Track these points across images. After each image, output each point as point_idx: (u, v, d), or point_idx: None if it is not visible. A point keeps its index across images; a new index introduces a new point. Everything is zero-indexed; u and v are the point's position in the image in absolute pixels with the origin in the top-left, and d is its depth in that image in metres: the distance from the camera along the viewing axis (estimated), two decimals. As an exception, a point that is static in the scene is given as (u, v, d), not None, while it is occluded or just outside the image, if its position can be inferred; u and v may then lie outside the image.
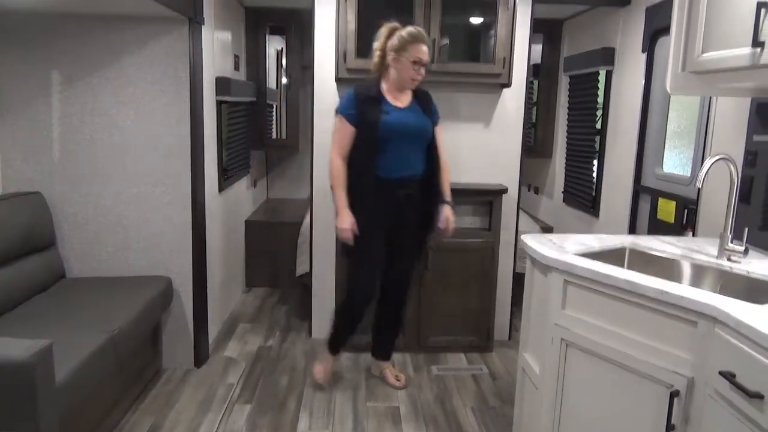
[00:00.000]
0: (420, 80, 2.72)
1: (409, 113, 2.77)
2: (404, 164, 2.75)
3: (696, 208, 2.68)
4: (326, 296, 3.50)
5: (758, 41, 1.64)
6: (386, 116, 2.71)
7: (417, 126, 2.77)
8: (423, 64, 2.67)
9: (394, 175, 2.74)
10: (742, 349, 1.41)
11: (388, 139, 2.70)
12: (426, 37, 2.70)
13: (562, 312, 2.00)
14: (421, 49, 2.65)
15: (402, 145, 2.73)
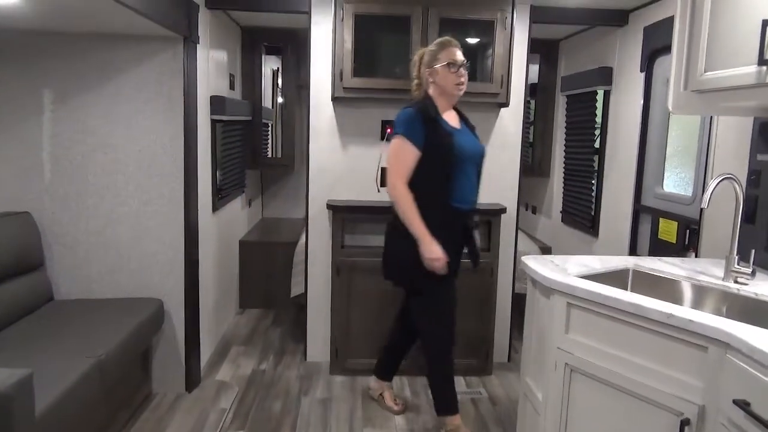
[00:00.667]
0: (464, 83, 2.48)
1: (466, 135, 2.54)
2: (473, 191, 2.54)
3: (698, 228, 2.64)
4: (322, 318, 3.43)
5: (764, 59, 1.61)
6: (454, 138, 2.43)
7: (477, 149, 2.55)
8: (460, 64, 2.46)
9: (467, 204, 2.51)
10: (757, 376, 1.36)
11: (461, 163, 2.43)
12: (455, 41, 2.52)
13: (565, 336, 1.94)
14: (452, 51, 2.46)
15: (470, 171, 2.50)
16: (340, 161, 3.37)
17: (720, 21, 1.85)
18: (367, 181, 3.38)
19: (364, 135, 3.36)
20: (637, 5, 3.26)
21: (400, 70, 3.13)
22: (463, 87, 2.50)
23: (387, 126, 3.34)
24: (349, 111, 3.33)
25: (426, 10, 3.05)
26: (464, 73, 2.48)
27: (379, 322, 3.27)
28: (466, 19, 3.10)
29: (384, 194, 3.36)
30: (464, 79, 2.49)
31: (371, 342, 3.28)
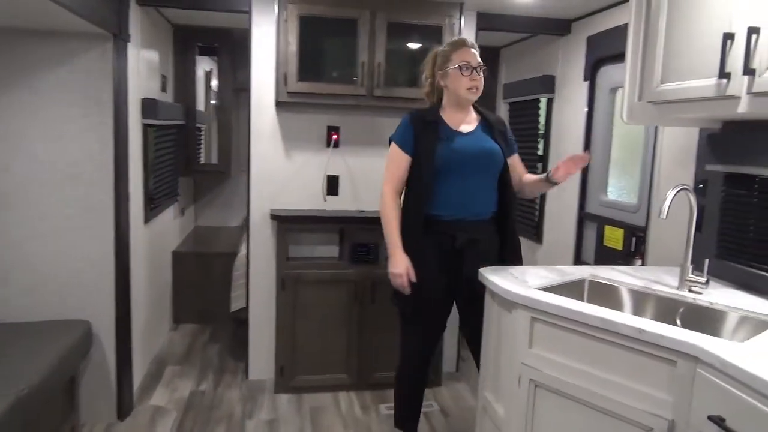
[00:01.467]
0: (479, 87, 2.30)
1: (472, 139, 2.33)
2: (465, 202, 2.30)
3: (645, 236, 2.69)
4: (265, 333, 3.26)
5: (725, 72, 1.62)
6: (443, 143, 2.28)
7: (481, 155, 2.30)
8: (474, 66, 2.27)
9: (450, 215, 2.30)
10: (732, 392, 1.34)
11: (447, 170, 2.27)
12: (471, 42, 2.34)
13: (529, 351, 1.89)
14: (467, 52, 2.29)
15: (464, 179, 2.29)
16: (284, 168, 3.22)
17: (676, 34, 1.86)
18: (312, 190, 3.25)
19: (309, 141, 3.23)
20: (580, 15, 3.31)
21: (348, 74, 3.04)
22: (476, 91, 2.30)
23: (333, 132, 3.22)
24: (293, 116, 3.19)
25: (373, 14, 2.96)
26: (478, 76, 2.29)
27: (327, 337, 3.15)
28: (414, 24, 3.04)
29: (331, 203, 3.26)
30: (478, 84, 2.29)
31: (319, 357, 3.16)
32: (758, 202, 2.02)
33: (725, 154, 2.12)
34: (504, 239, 2.37)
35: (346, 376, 3.19)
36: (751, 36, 1.54)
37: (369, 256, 3.12)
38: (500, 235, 2.37)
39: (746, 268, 2.05)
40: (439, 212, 2.31)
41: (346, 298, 3.14)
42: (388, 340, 3.19)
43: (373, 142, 3.28)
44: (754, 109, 1.58)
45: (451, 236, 2.31)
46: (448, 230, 2.31)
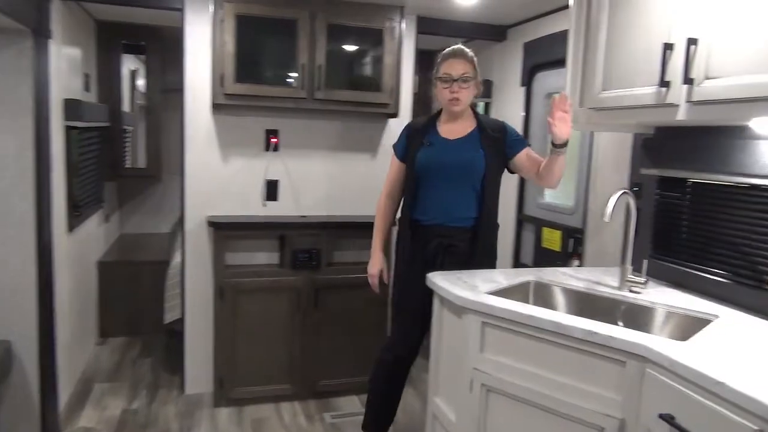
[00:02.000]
0: (460, 99, 2.29)
1: (454, 147, 2.34)
2: (442, 208, 2.34)
3: (582, 237, 2.77)
4: (202, 344, 3.13)
5: (665, 81, 1.69)
6: (425, 149, 2.34)
7: (456, 162, 2.31)
8: (454, 79, 2.27)
9: (429, 220, 2.36)
10: (680, 389, 1.39)
11: (424, 176, 2.34)
12: (461, 52, 2.32)
13: (480, 355, 1.89)
14: (451, 63, 2.29)
15: (439, 185, 2.32)
16: (221, 173, 3.10)
17: (617, 43, 1.92)
18: (251, 195, 3.15)
19: (247, 145, 3.12)
20: (516, 22, 3.38)
21: (288, 76, 2.96)
22: (457, 103, 2.30)
23: (272, 136, 3.13)
24: (230, 119, 3.08)
25: (313, 15, 2.90)
26: (459, 88, 2.28)
27: (269, 346, 3.06)
28: (354, 26, 3.00)
29: (270, 209, 3.17)
30: (457, 96, 2.29)
31: (261, 367, 3.06)
32: (690, 204, 2.12)
33: (659, 159, 2.22)
34: (480, 248, 2.36)
35: (289, 386, 3.10)
36: (690, 47, 1.60)
37: (311, 262, 3.06)
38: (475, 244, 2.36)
39: (680, 268, 2.15)
40: (420, 217, 2.38)
41: (288, 305, 3.06)
42: (332, 348, 3.14)
43: (314, 146, 3.22)
44: (692, 116, 1.65)
45: (429, 241, 2.35)
46: (427, 235, 2.36)
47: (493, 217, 2.40)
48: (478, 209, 2.35)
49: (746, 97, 1.48)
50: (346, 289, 3.14)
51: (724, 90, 1.53)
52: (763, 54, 1.43)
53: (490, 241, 2.40)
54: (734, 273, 1.92)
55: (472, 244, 2.36)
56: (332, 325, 3.14)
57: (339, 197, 3.29)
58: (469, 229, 2.36)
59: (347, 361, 3.19)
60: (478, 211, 2.35)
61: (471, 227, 2.36)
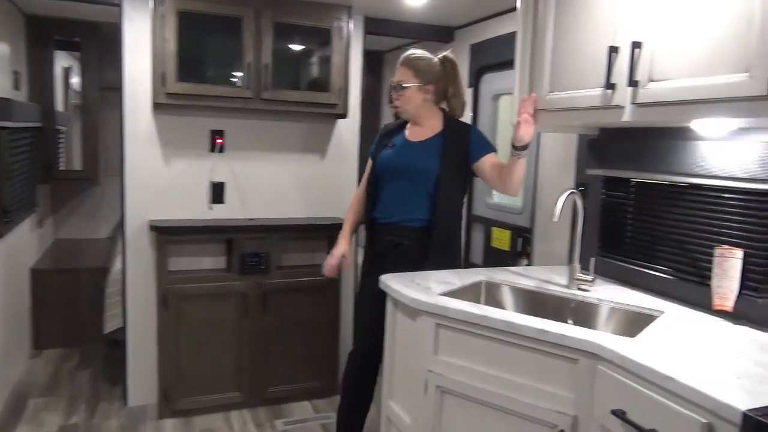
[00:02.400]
0: (398, 107, 2.39)
1: (413, 148, 2.38)
2: (395, 208, 2.39)
3: (530, 237, 2.82)
4: (145, 354, 3.00)
5: (611, 83, 1.72)
6: (386, 150, 2.44)
7: (409, 165, 2.35)
8: (394, 87, 2.36)
9: (383, 218, 2.42)
10: (630, 385, 1.41)
11: (382, 176, 2.43)
12: (401, 59, 2.36)
13: (434, 357, 1.89)
14: (395, 71, 2.37)
15: (395, 186, 2.39)
16: (163, 175, 2.98)
17: (563, 46, 1.96)
18: (196, 198, 3.04)
19: (191, 146, 3.02)
20: (463, 24, 3.41)
21: (233, 75, 2.88)
22: (397, 110, 2.41)
23: (217, 136, 3.04)
24: (172, 119, 2.96)
25: (258, 13, 2.83)
26: (396, 96, 2.36)
27: (217, 353, 2.97)
28: (301, 25, 2.95)
29: (216, 212, 3.07)
30: (396, 102, 2.37)
31: (208, 376, 2.96)
32: (635, 203, 2.18)
33: (604, 159, 2.27)
34: (434, 248, 2.35)
35: (238, 394, 3.02)
36: (635, 50, 1.64)
37: (260, 266, 2.98)
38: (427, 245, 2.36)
39: (626, 265, 2.21)
40: (377, 215, 2.45)
41: (235, 311, 2.97)
42: (282, 353, 3.08)
43: (261, 147, 3.15)
44: (637, 118, 1.69)
45: (381, 238, 2.43)
46: (381, 232, 2.44)
47: (449, 218, 2.39)
48: (431, 211, 2.35)
49: (689, 100, 1.53)
50: (296, 293, 3.09)
51: (668, 92, 1.58)
52: (704, 57, 1.48)
53: (444, 242, 2.39)
54: (677, 269, 1.99)
55: (424, 244, 2.36)
56: (282, 330, 3.07)
57: (287, 199, 3.23)
58: (420, 229, 2.36)
59: (298, 366, 3.13)
60: (431, 213, 2.35)
61: (422, 228, 2.36)
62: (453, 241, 2.45)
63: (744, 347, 1.54)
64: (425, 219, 2.35)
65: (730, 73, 1.40)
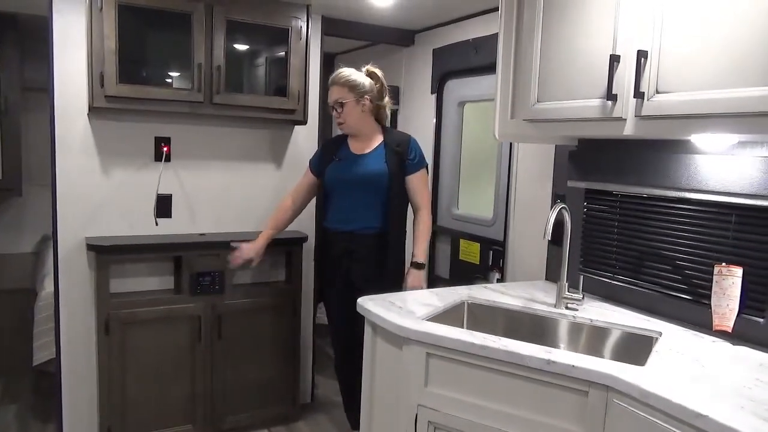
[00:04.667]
0: (344, 122, 2.49)
1: (360, 160, 2.49)
2: (348, 216, 2.49)
3: (503, 250, 2.71)
4: (83, 387, 2.68)
5: (612, 94, 1.62)
6: (333, 163, 2.53)
7: (362, 175, 2.46)
8: (333, 107, 2.48)
9: (336, 227, 2.52)
10: (653, 422, 1.32)
11: (333, 187, 2.52)
12: (332, 79, 2.48)
13: (425, 390, 1.73)
14: (329, 92, 2.49)
15: (346, 195, 2.49)
16: (101, 187, 2.67)
17: (553, 54, 1.84)
18: (139, 212, 2.75)
19: (133, 155, 2.72)
20: (424, 28, 3.28)
21: (182, 77, 2.62)
22: (343, 126, 2.51)
23: (163, 144, 2.76)
24: (112, 124, 2.66)
25: (209, 9, 2.59)
26: (338, 114, 2.47)
27: (166, 384, 2.69)
28: (256, 24, 2.72)
29: (163, 227, 2.80)
30: (339, 119, 2.49)
31: (157, 409, 2.68)
32: (620, 217, 2.10)
33: (587, 171, 2.19)
34: (390, 254, 2.46)
35: (191, 427, 2.74)
36: (641, 59, 1.55)
37: (214, 285, 2.73)
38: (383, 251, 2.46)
39: (610, 281, 2.13)
40: (330, 224, 2.55)
41: (188, 336, 2.70)
42: (238, 380, 2.84)
43: (212, 156, 2.89)
44: (641, 131, 1.60)
45: (334, 246, 2.52)
46: (334, 240, 2.52)
47: (399, 224, 2.50)
48: (384, 218, 2.46)
49: (700, 113, 1.45)
50: (253, 313, 2.85)
51: (677, 105, 1.49)
52: (721, 70, 1.39)
53: (397, 247, 2.50)
54: (670, 287, 1.92)
55: (377, 251, 2.46)
56: (238, 355, 2.82)
57: (242, 212, 2.99)
58: (373, 236, 2.46)
59: (256, 393, 2.89)
60: (384, 221, 2.46)
61: (375, 235, 2.46)
62: (403, 245, 2.55)
63: (757, 373, 1.47)
64: (376, 227, 2.47)
65: (751, 86, 1.32)
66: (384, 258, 2.45)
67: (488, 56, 2.75)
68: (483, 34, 2.83)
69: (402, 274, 2.49)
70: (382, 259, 2.45)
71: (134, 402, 2.63)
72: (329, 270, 2.57)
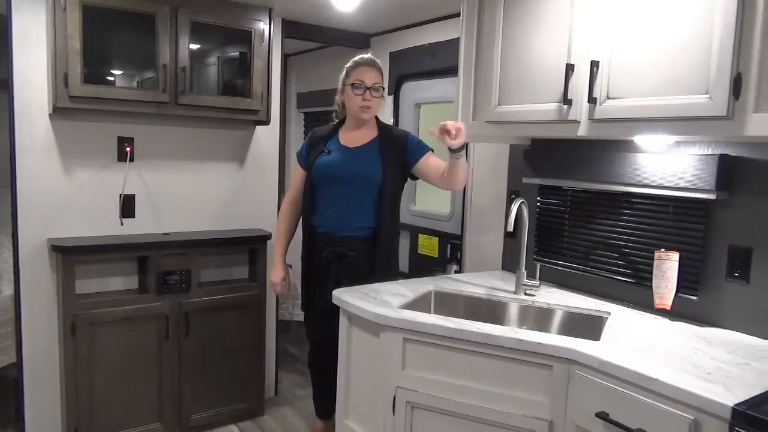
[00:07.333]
0: (371, 107, 2.33)
1: (353, 154, 2.34)
2: (337, 217, 2.34)
3: (460, 243, 2.88)
4: (47, 391, 2.66)
5: (567, 99, 1.81)
6: (322, 157, 2.36)
7: (353, 171, 2.31)
8: (367, 87, 2.30)
9: (323, 228, 2.37)
10: (611, 387, 1.49)
11: (321, 184, 2.36)
12: (373, 61, 2.36)
13: (402, 373, 1.86)
14: (364, 71, 2.31)
15: (336, 193, 2.33)
16: (64, 188, 2.66)
17: (514, 60, 2.02)
18: (103, 212, 2.75)
19: (96, 155, 2.72)
20: (380, 31, 3.41)
21: (147, 78, 2.65)
22: (368, 111, 2.34)
23: (126, 144, 2.77)
24: (75, 125, 2.66)
25: (174, 10, 2.63)
26: (371, 96, 2.32)
27: (133, 383, 2.70)
28: (221, 26, 2.77)
29: (128, 228, 2.81)
30: (369, 104, 2.32)
31: (125, 408, 2.69)
32: (571, 210, 2.31)
33: (540, 168, 2.38)
34: (381, 257, 2.34)
35: (159, 425, 2.77)
36: (593, 69, 1.74)
37: (181, 284, 2.76)
38: (373, 251, 2.34)
39: (563, 269, 2.34)
40: (317, 224, 2.40)
41: (155, 335, 2.72)
42: (206, 377, 2.88)
43: (175, 156, 2.92)
44: (593, 132, 1.80)
45: (323, 249, 2.37)
46: (322, 243, 2.38)
47: (392, 226, 2.39)
48: (376, 219, 2.33)
49: (646, 117, 1.65)
50: (219, 311, 2.90)
51: (626, 110, 1.69)
52: (664, 79, 1.60)
53: (390, 250, 2.40)
54: (616, 272, 2.14)
55: (369, 254, 2.34)
56: (206, 352, 2.87)
57: (204, 211, 3.02)
58: (364, 239, 2.34)
59: (223, 389, 2.94)
60: (376, 221, 2.33)
61: (367, 237, 2.34)
62: (395, 249, 2.47)
63: (695, 343, 1.69)
64: (369, 227, 2.34)
65: (691, 94, 1.53)
66: (374, 258, 2.33)
67: (444, 61, 2.92)
68: (438, 39, 3.00)
69: (393, 275, 2.40)
70: (373, 260, 2.33)
71: (101, 402, 2.63)
72: (317, 274, 2.40)
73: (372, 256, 2.34)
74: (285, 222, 2.54)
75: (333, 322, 2.14)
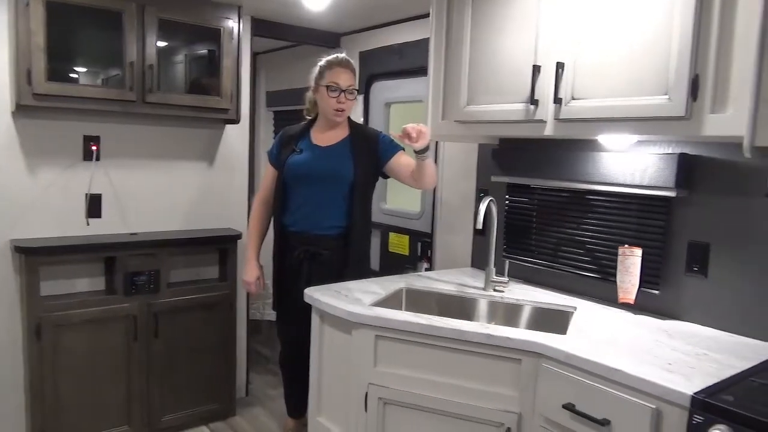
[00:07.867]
0: (345, 110, 2.34)
1: (324, 153, 2.35)
2: (309, 216, 2.35)
3: (431, 241, 2.92)
4: (11, 395, 2.59)
5: (534, 99, 1.85)
6: (293, 156, 2.37)
7: (324, 170, 2.32)
8: (342, 90, 2.30)
9: (295, 227, 2.38)
10: (577, 379, 1.54)
11: (292, 183, 2.37)
12: (347, 62, 2.36)
13: (374, 369, 1.88)
14: (338, 73, 2.30)
15: (307, 192, 2.34)
16: (28, 188, 2.60)
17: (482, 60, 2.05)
18: (68, 213, 2.70)
19: (61, 155, 2.67)
20: (349, 31, 3.42)
21: (114, 76, 2.61)
22: (342, 114, 2.34)
23: (91, 143, 2.72)
24: (38, 123, 2.60)
25: (141, 8, 2.59)
26: (345, 99, 2.32)
27: (101, 386, 2.66)
28: (189, 24, 2.75)
29: (94, 228, 2.77)
30: (344, 106, 2.32)
31: (93, 411, 2.64)
32: (538, 208, 2.36)
33: (508, 167, 2.43)
34: (353, 256, 2.36)
35: (127, 428, 2.73)
36: (559, 70, 1.78)
37: (149, 285, 2.72)
38: (345, 250, 2.35)
39: (530, 266, 2.39)
40: (289, 223, 2.40)
41: (123, 336, 2.68)
42: (176, 378, 2.86)
43: (142, 155, 2.88)
44: (558, 131, 1.84)
45: (295, 248, 2.37)
46: (294, 242, 2.38)
47: (363, 225, 2.41)
48: (348, 217, 2.34)
49: (609, 117, 1.70)
50: (188, 311, 2.87)
51: (590, 110, 1.74)
52: (626, 80, 1.65)
53: (362, 248, 2.43)
54: (582, 268, 2.19)
55: (341, 252, 2.36)
56: (175, 353, 2.84)
57: (172, 211, 2.99)
58: (336, 238, 2.35)
59: (194, 390, 2.91)
60: (347, 220, 2.34)
61: (338, 235, 2.35)
62: (367, 248, 2.50)
63: (656, 335, 1.75)
64: (341, 226, 2.35)
65: (651, 95, 1.59)
66: (346, 257, 2.34)
67: (413, 61, 2.95)
68: (408, 39, 3.02)
69: (365, 273, 2.40)
70: (345, 258, 2.34)
71: (68, 406, 2.58)
72: (289, 274, 2.40)
73: (344, 255, 2.35)
74: (257, 221, 2.53)
75: (305, 321, 2.15)
